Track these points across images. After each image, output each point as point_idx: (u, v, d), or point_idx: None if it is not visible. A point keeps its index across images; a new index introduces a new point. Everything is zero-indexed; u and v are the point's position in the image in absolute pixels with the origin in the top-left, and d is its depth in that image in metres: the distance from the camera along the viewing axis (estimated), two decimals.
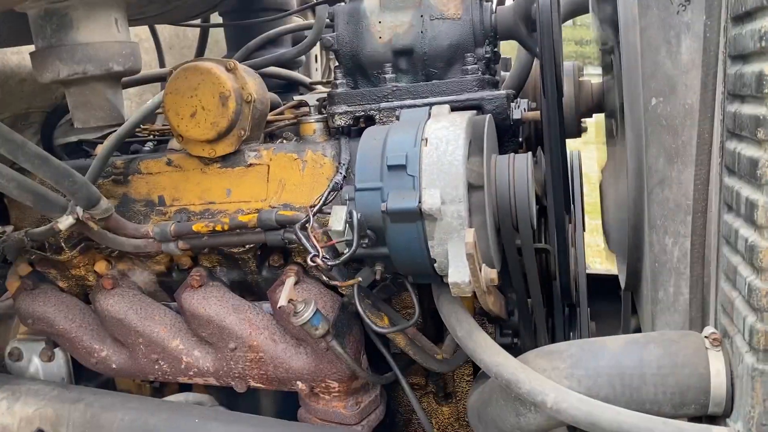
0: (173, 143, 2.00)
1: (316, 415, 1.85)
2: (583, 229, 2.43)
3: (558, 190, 1.58)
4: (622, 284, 2.10)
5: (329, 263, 1.32)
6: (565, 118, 2.13)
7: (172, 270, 1.85)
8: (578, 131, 2.21)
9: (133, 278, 1.89)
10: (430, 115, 1.42)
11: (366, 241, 1.31)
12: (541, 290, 1.67)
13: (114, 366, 1.89)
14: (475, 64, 1.61)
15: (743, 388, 1.19)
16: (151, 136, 2.11)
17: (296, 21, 2.53)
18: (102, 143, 2.11)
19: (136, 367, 1.87)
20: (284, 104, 2.33)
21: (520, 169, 1.36)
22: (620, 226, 2.11)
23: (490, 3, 1.67)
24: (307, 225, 1.40)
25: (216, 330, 1.74)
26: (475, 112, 1.51)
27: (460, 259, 1.26)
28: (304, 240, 1.37)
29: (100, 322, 1.89)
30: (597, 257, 4.93)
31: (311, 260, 1.33)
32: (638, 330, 2.90)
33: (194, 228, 1.62)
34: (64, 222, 1.51)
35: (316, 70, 3.61)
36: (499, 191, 1.37)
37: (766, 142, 1.07)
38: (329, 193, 1.52)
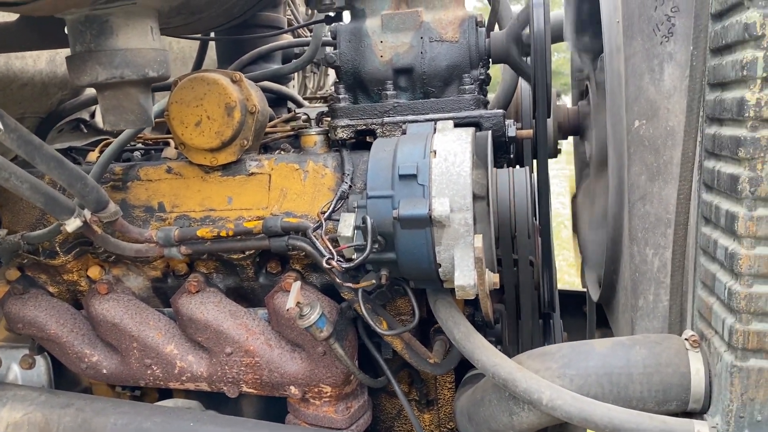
0: (167, 152, 2.04)
1: (305, 420, 1.89)
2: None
3: (545, 206, 1.69)
4: (595, 297, 2.23)
5: (344, 266, 1.39)
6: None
7: (167, 276, 1.88)
8: (555, 152, 2.35)
9: (128, 283, 1.91)
10: (435, 129, 1.52)
11: (376, 246, 1.38)
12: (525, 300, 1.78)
13: (104, 371, 1.90)
14: (472, 84, 1.72)
15: (722, 385, 1.31)
16: (142, 145, 2.14)
17: (286, 38, 2.60)
18: (93, 150, 2.13)
19: (127, 372, 1.88)
20: (277, 117, 2.40)
21: (520, 182, 1.47)
22: (595, 242, 2.25)
23: (483, 28, 1.79)
24: (318, 230, 1.46)
25: (213, 335, 1.78)
26: (474, 128, 1.61)
27: (465, 264, 1.34)
28: (317, 244, 1.44)
29: (92, 327, 1.90)
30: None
31: (326, 263, 1.40)
32: None
33: (198, 233, 1.66)
34: (72, 224, 1.53)
35: (293, 87, 3.69)
36: (500, 202, 1.47)
37: (746, 161, 1.21)
38: (337, 201, 1.59)
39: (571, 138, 2.65)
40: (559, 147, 2.39)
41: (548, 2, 1.64)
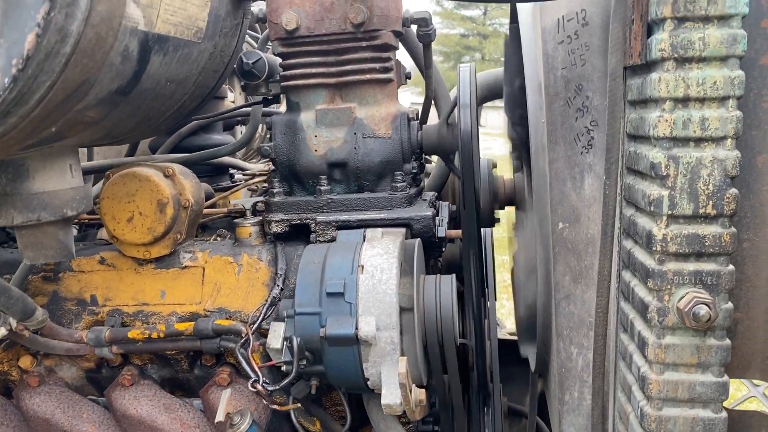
0: (102, 233, 2.01)
1: None
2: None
3: (478, 298, 1.73)
4: (532, 367, 2.28)
5: (269, 389, 1.40)
6: (482, 211, 2.32)
7: (101, 367, 1.86)
8: (492, 222, 2.40)
9: (60, 374, 1.88)
10: (365, 238, 1.54)
11: (304, 363, 1.40)
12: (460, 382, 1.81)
13: None
14: (404, 181, 1.75)
15: None
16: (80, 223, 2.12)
17: (227, 104, 2.59)
18: None
19: None
20: (215, 187, 2.40)
21: (445, 292, 1.50)
22: (530, 313, 2.30)
23: (417, 121, 1.82)
24: (246, 346, 1.47)
25: (147, 430, 1.76)
26: (405, 230, 1.64)
27: (392, 382, 1.37)
28: (244, 363, 1.45)
29: (24, 419, 1.86)
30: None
31: (251, 386, 1.41)
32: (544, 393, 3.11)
33: (129, 335, 1.65)
34: None
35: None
36: (427, 313, 1.50)
37: (654, 291, 1.26)
38: (267, 308, 1.60)
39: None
40: (497, 216, 2.44)
41: (475, 103, 1.68)
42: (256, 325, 1.56)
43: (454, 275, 1.55)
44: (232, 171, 2.57)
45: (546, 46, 1.64)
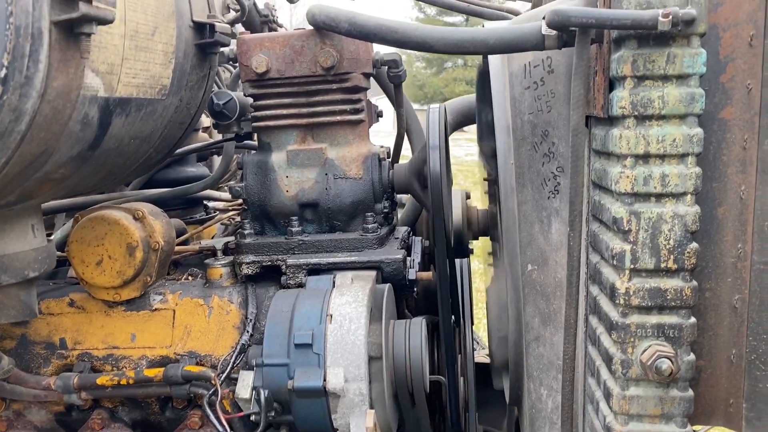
0: (72, 271, 1.99)
1: None
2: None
3: (449, 341, 1.74)
4: (507, 399, 2.29)
5: None
6: (455, 244, 2.33)
7: (71, 410, 1.83)
8: (466, 253, 2.41)
9: (29, 417, 1.85)
10: (334, 284, 1.54)
11: (272, 414, 1.40)
12: (432, 419, 1.82)
13: None
14: (375, 222, 1.75)
15: None
16: None
17: (202, 137, 2.58)
18: None
19: None
20: (188, 219, 2.38)
21: (415, 339, 1.50)
22: (503, 344, 2.31)
23: (387, 161, 1.83)
24: (214, 397, 1.47)
25: None
26: (375, 273, 1.65)
27: None
28: (212, 417, 1.44)
29: None
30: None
31: None
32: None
33: (98, 382, 1.63)
34: None
35: None
36: (396, 361, 1.50)
37: (618, 343, 1.28)
38: (236, 356, 1.60)
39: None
40: (471, 247, 2.45)
41: (443, 145, 1.69)
42: (224, 374, 1.55)
43: (423, 319, 1.56)
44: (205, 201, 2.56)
45: (513, 90, 1.65)
